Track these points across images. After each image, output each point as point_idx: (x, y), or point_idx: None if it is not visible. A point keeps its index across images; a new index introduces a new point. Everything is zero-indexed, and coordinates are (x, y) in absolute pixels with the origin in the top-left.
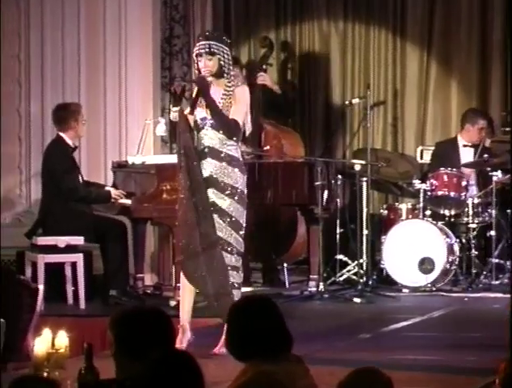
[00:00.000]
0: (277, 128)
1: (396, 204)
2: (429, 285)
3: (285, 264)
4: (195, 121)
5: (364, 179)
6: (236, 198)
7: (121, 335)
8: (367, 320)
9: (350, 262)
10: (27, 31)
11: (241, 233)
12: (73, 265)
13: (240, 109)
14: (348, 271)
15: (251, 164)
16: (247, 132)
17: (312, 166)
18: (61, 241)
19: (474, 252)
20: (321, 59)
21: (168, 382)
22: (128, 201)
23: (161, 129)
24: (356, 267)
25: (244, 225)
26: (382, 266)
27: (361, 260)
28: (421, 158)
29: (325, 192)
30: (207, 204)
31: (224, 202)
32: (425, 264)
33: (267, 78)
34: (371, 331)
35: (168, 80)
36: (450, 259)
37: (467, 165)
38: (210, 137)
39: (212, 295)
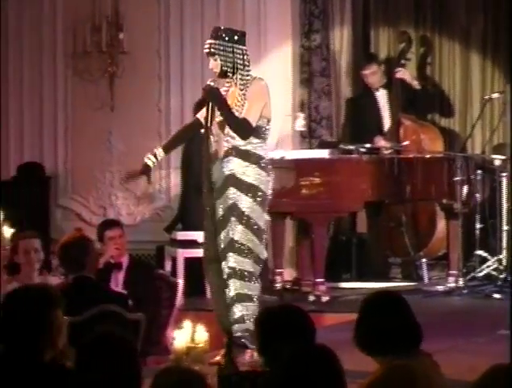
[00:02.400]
0: (416, 123)
1: None
2: None
3: (424, 259)
4: (220, 121)
5: (504, 174)
6: (257, 199)
7: (262, 331)
8: (506, 316)
9: (489, 257)
10: (166, 26)
11: (262, 237)
12: None
13: (251, 106)
14: (488, 266)
15: (390, 159)
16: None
17: (451, 161)
18: (201, 236)
19: None
20: (461, 53)
21: (307, 377)
22: None
23: (300, 124)
24: (496, 263)
25: (263, 228)
26: None
27: (501, 256)
28: None
29: (465, 187)
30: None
31: (243, 203)
32: None
33: (406, 74)
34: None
35: (307, 75)
36: None
37: None
38: (233, 137)
39: (223, 307)
